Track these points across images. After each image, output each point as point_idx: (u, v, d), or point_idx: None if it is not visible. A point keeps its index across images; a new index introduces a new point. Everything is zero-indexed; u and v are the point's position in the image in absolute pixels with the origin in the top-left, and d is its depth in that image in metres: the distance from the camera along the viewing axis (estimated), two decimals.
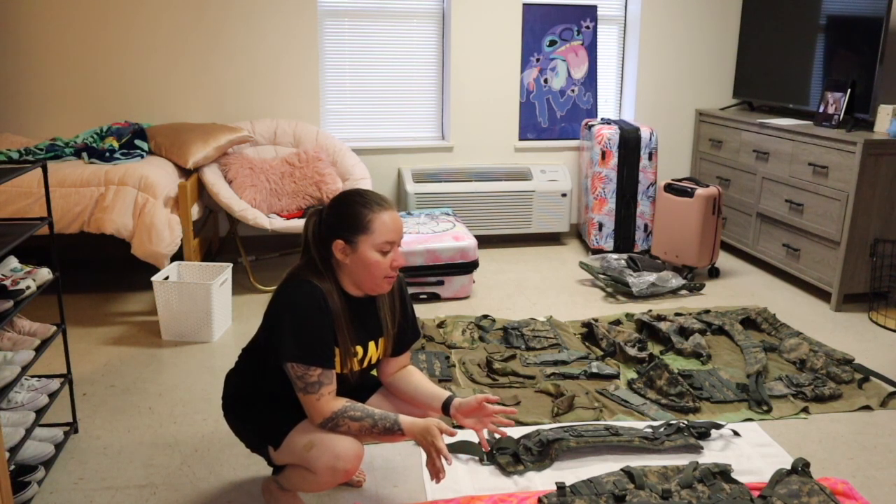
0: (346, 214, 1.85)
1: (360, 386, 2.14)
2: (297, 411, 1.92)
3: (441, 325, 3.41)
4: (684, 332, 3.31)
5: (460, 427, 2.48)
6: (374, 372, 2.15)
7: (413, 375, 2.08)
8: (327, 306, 1.85)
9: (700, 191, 4.02)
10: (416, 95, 4.82)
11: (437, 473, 1.86)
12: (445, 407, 2.00)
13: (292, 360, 1.80)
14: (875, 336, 3.42)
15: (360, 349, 1.95)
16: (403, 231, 1.87)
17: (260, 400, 1.99)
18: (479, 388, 2.81)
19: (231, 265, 3.43)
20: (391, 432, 1.85)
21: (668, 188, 4.19)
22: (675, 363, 3.07)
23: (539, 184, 4.72)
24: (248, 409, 1.99)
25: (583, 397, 2.72)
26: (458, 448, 2.37)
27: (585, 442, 2.37)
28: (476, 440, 2.43)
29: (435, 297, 3.80)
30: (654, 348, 3.22)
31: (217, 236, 4.56)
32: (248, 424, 1.99)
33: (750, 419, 2.64)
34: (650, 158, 4.50)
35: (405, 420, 1.87)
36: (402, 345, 2.09)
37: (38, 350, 2.27)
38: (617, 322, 3.47)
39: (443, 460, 2.15)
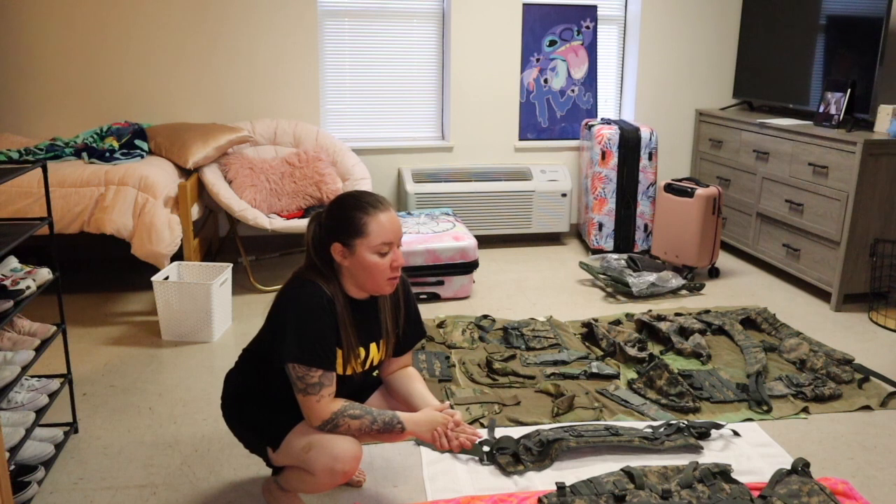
0: (342, 218, 1.84)
1: (360, 386, 2.14)
2: (297, 412, 1.92)
3: (441, 325, 3.41)
4: (684, 332, 3.31)
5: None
6: (374, 373, 2.15)
7: (410, 379, 2.07)
8: (331, 308, 1.85)
9: (700, 191, 4.02)
10: (416, 95, 4.82)
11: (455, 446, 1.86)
12: None
13: (294, 361, 1.80)
14: (875, 336, 3.42)
15: (362, 351, 1.95)
16: (402, 230, 1.85)
17: (259, 400, 1.99)
18: (479, 388, 2.81)
19: (231, 265, 3.43)
20: (391, 428, 1.85)
21: (668, 188, 4.19)
22: (675, 363, 3.07)
23: (539, 184, 4.72)
24: (247, 410, 1.99)
25: (583, 397, 2.72)
26: None
27: (585, 442, 2.37)
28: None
29: (435, 297, 3.80)
30: (654, 348, 3.22)
31: (217, 236, 4.55)
32: (246, 425, 1.99)
33: (750, 419, 2.63)
34: (650, 158, 4.50)
35: (406, 416, 1.87)
36: (404, 345, 2.08)
37: (38, 350, 2.27)
38: (617, 322, 3.47)
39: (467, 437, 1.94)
